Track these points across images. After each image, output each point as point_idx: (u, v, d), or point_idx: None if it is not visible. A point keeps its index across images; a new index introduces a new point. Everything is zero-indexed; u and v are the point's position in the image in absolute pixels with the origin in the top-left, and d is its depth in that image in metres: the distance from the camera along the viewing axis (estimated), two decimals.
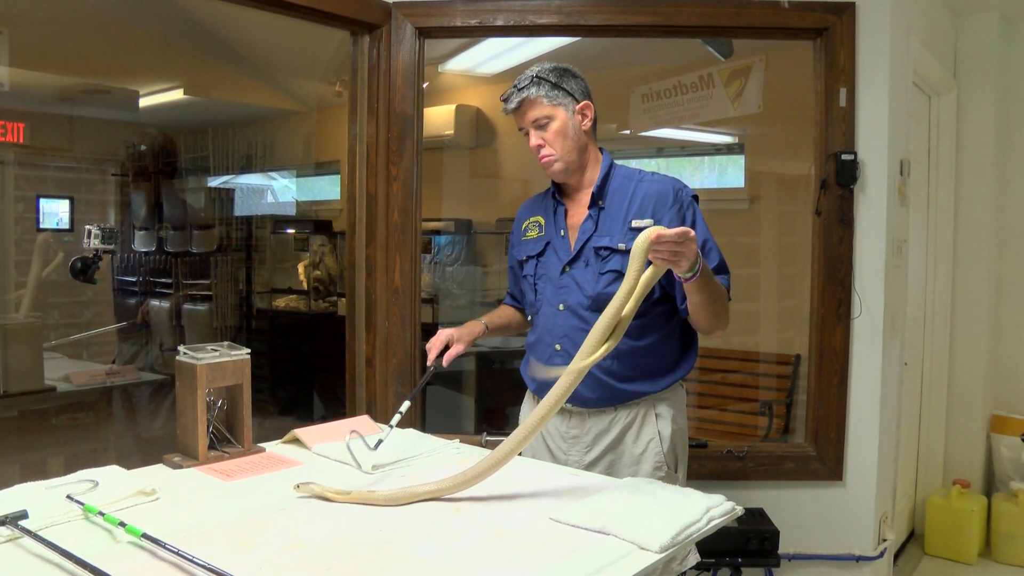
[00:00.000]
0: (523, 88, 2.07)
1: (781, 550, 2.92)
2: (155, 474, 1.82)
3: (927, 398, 4.24)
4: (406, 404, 1.96)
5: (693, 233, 1.70)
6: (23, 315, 3.30)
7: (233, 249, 5.02)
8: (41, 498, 1.55)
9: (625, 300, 1.65)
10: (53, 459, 3.21)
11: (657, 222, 2.03)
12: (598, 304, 2.04)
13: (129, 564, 1.32)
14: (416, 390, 2.03)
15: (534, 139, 2.09)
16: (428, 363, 2.10)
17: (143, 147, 3.75)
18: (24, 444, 3.09)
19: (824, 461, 3.05)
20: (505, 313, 2.38)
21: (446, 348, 2.13)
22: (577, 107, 2.10)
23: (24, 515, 1.44)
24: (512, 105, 2.10)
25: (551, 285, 2.14)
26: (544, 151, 2.09)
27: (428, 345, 2.14)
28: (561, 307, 2.12)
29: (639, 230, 1.98)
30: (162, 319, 3.93)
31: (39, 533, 1.39)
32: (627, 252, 2.01)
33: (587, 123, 2.12)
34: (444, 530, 1.50)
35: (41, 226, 3.85)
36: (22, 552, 1.37)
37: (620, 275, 2.02)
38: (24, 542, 1.39)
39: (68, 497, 1.55)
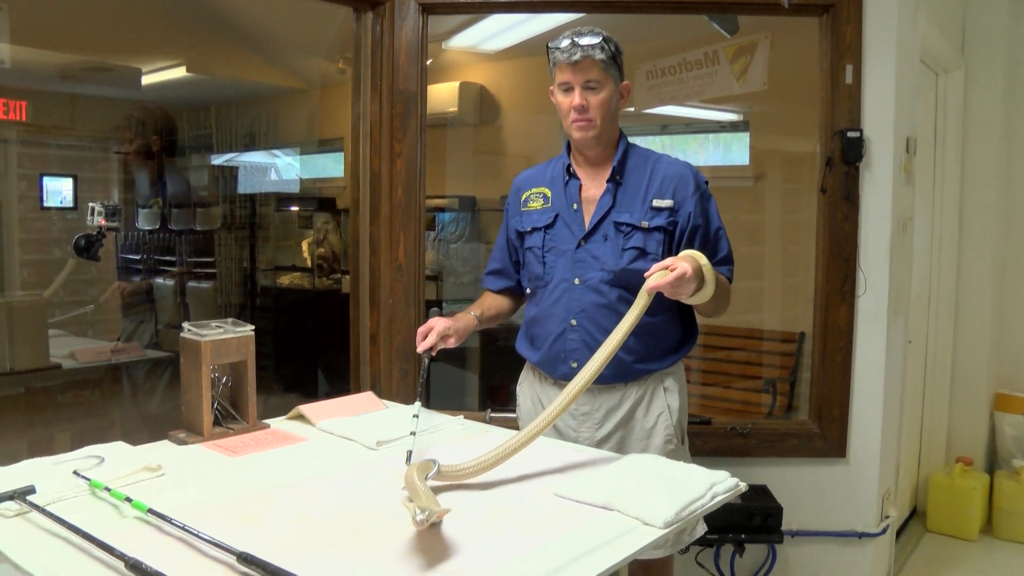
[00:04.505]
0: (588, 46, 2.01)
1: (784, 526, 2.93)
2: (160, 450, 1.83)
3: (931, 376, 4.24)
4: (417, 404, 1.90)
5: (689, 272, 1.80)
6: (49, 294, 3.33)
7: (237, 227, 5.01)
8: (48, 474, 1.57)
9: (630, 329, 1.79)
10: (60, 435, 3.22)
11: (678, 204, 2.09)
12: (620, 280, 2.07)
13: (135, 538, 1.33)
14: (421, 383, 1.98)
15: (579, 98, 2.04)
16: (419, 350, 2.04)
17: (143, 122, 3.74)
18: (31, 421, 3.11)
19: (827, 438, 3.06)
20: (494, 305, 2.32)
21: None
22: (622, 85, 2.11)
23: (32, 490, 1.46)
24: (576, 57, 2.02)
25: (564, 259, 2.13)
26: (588, 114, 2.05)
27: (421, 331, 2.06)
28: (577, 282, 2.11)
29: (660, 209, 2.08)
30: (165, 296, 3.94)
31: (47, 508, 1.40)
32: (648, 230, 2.07)
33: (623, 103, 2.13)
34: (449, 506, 1.50)
35: (45, 204, 3.85)
36: (30, 526, 1.38)
37: (642, 252, 2.07)
38: (32, 516, 1.41)
39: (75, 473, 1.56)
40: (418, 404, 1.90)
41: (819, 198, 3.02)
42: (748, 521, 2.88)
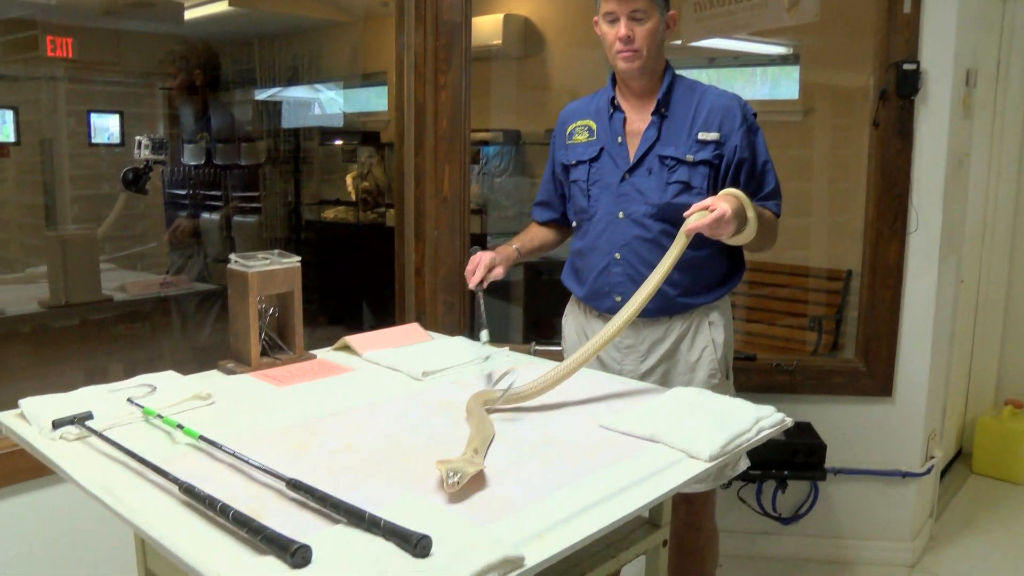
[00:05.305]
0: None
1: (827, 464, 2.93)
2: (210, 379, 1.85)
3: (982, 317, 4.16)
4: (484, 333, 1.95)
5: (728, 213, 1.76)
6: (102, 232, 3.41)
7: (281, 161, 5.03)
8: (104, 401, 1.60)
9: (669, 271, 1.78)
10: (113, 365, 3.31)
11: (724, 136, 2.04)
12: (663, 213, 2.04)
13: (188, 464, 1.36)
14: (481, 317, 2.01)
15: (624, 29, 1.99)
16: (471, 287, 2.05)
17: (186, 58, 3.75)
18: (86, 351, 3.19)
19: (874, 376, 3.03)
20: (537, 236, 2.33)
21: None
22: (668, 15, 2.05)
23: (90, 416, 1.49)
24: None
25: (608, 192, 2.11)
26: (633, 45, 2.00)
27: (468, 269, 2.06)
28: (621, 215, 2.09)
29: (705, 142, 2.03)
30: (211, 231, 3.98)
31: (104, 433, 1.44)
32: (694, 164, 2.03)
33: (669, 33, 2.08)
34: (495, 436, 1.51)
35: (93, 141, 3.89)
36: (90, 450, 1.42)
37: (687, 186, 2.04)
38: (91, 441, 1.45)
39: (129, 400, 1.60)
40: (485, 332, 1.94)
41: (871, 132, 2.94)
42: (791, 457, 2.88)
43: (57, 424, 1.46)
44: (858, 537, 3.15)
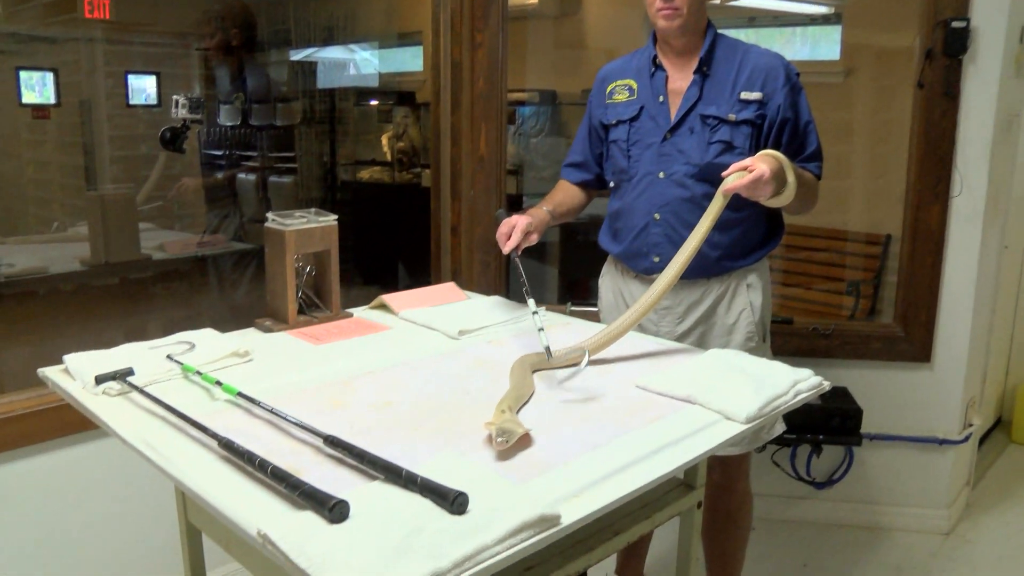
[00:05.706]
0: None
1: (863, 429, 2.91)
2: (247, 337, 1.87)
3: None
4: (532, 302, 1.86)
5: (767, 174, 1.73)
6: (142, 200, 3.46)
7: (317, 122, 5.02)
8: (144, 357, 1.62)
9: (707, 233, 1.77)
10: (152, 323, 3.36)
11: (767, 96, 2.01)
12: (705, 174, 2.01)
13: (226, 419, 1.37)
14: (524, 283, 1.96)
15: None
16: (505, 252, 2.00)
17: (223, 17, 3.74)
18: (126, 310, 3.24)
19: (912, 342, 2.99)
20: (565, 199, 2.25)
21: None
22: None
23: (131, 372, 1.52)
24: None
25: (650, 152, 2.08)
26: (673, 3, 1.96)
27: (502, 232, 1.99)
28: (662, 175, 2.06)
29: (748, 102, 2.00)
30: (248, 191, 4.00)
31: (145, 389, 1.46)
32: (736, 124, 2.00)
33: None
34: (533, 395, 1.52)
35: (131, 102, 3.91)
36: (131, 405, 1.45)
37: (729, 146, 2.01)
38: (133, 396, 1.47)
39: (168, 357, 1.62)
40: (532, 302, 1.85)
41: (915, 93, 2.87)
42: (827, 422, 2.86)
43: (100, 379, 1.48)
44: (893, 503, 3.13)
